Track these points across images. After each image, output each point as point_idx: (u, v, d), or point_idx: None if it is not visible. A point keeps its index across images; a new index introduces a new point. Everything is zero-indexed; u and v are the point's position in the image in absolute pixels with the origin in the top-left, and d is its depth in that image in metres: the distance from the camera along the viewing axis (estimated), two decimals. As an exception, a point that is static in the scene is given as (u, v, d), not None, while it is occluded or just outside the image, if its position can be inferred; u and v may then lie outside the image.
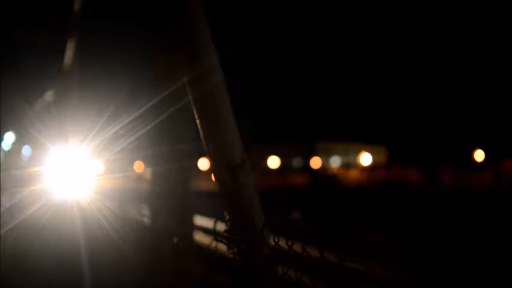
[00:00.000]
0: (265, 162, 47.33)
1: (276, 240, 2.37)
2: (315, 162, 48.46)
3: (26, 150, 14.84)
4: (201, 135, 2.58)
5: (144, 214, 4.78)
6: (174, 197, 3.76)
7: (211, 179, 2.61)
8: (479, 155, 37.83)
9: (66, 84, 10.44)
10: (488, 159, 35.68)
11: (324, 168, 48.19)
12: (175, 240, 3.45)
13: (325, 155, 50.05)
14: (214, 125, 2.53)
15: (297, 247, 2.31)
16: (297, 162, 50.50)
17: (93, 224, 5.40)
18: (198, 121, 2.57)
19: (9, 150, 13.77)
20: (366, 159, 48.99)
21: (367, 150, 50.02)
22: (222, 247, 2.67)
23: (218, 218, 2.66)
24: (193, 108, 2.57)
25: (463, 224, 13.46)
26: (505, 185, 26.57)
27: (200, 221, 4.23)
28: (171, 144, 3.78)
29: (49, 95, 11.43)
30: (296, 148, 49.10)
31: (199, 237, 3.75)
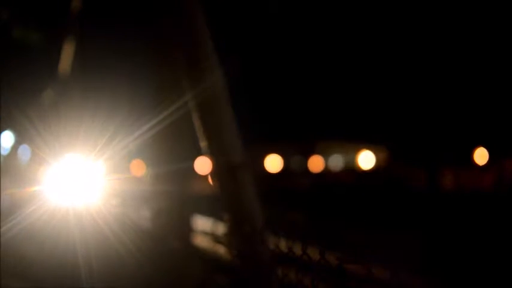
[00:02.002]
0: (266, 162, 47.18)
1: (276, 241, 2.35)
2: (316, 162, 48.43)
3: (25, 152, 14.81)
4: (202, 136, 2.57)
5: (143, 216, 4.77)
6: (173, 198, 3.75)
7: (211, 181, 2.60)
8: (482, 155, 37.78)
9: (67, 85, 10.45)
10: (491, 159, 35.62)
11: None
12: (174, 242, 3.43)
13: (326, 154, 50.07)
14: (214, 127, 2.52)
15: (297, 248, 2.28)
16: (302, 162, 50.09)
17: (94, 230, 5.33)
18: (198, 122, 2.56)
19: (7, 152, 13.75)
20: (366, 158, 48.98)
21: (367, 150, 49.98)
22: (222, 249, 2.66)
23: (217, 219, 2.64)
24: (194, 109, 2.56)
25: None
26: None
27: (199, 222, 4.21)
28: (172, 147, 3.78)
29: (49, 95, 11.44)
30: (297, 147, 49.11)
31: (199, 239, 3.72)
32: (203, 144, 2.57)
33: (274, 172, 45.89)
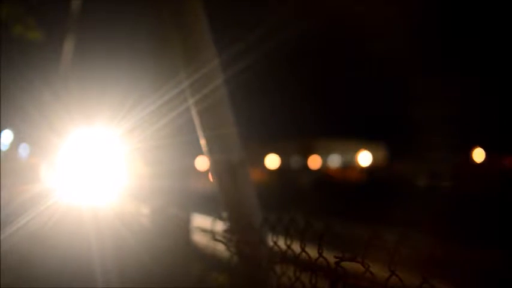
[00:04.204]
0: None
1: (275, 239, 2.36)
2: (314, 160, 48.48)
3: (25, 150, 14.75)
4: (201, 135, 2.58)
5: (143, 213, 4.76)
6: (173, 195, 3.76)
7: (211, 178, 2.61)
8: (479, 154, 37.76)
9: (67, 81, 10.43)
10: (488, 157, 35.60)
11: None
12: (173, 239, 3.44)
13: (325, 153, 50.11)
14: (214, 125, 2.53)
15: (296, 246, 2.29)
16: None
17: (97, 225, 5.16)
18: (198, 122, 2.58)
19: (7, 149, 13.70)
20: (365, 157, 49.04)
21: (366, 148, 50.10)
22: (221, 246, 2.67)
23: (217, 217, 2.65)
24: (194, 109, 2.58)
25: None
26: None
27: (198, 220, 4.21)
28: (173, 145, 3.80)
29: (50, 91, 11.38)
30: (295, 146, 49.10)
31: (197, 236, 3.73)
32: (203, 142, 2.59)
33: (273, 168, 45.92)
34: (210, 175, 2.58)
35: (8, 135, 13.57)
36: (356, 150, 50.48)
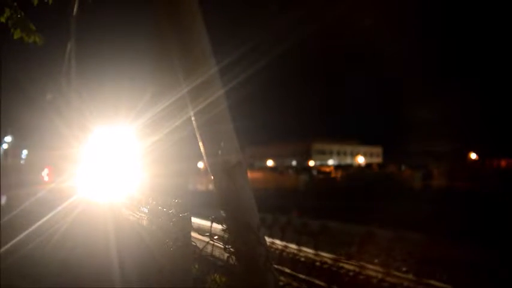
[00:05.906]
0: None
1: (272, 239, 2.39)
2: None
3: (27, 147, 14.67)
4: (199, 136, 2.61)
5: (140, 213, 4.76)
6: (172, 195, 3.78)
7: (210, 180, 2.63)
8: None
9: (67, 86, 10.42)
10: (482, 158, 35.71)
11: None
12: (171, 240, 3.46)
13: (322, 156, 50.13)
14: (212, 127, 2.56)
15: (293, 246, 2.33)
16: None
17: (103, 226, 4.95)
18: (196, 124, 2.60)
19: (7, 149, 13.65)
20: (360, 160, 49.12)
21: (363, 150, 50.17)
22: (219, 246, 2.69)
23: (215, 218, 2.67)
24: (193, 112, 2.60)
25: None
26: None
27: (197, 221, 4.22)
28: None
29: (50, 97, 11.34)
30: (293, 149, 49.10)
31: (196, 238, 3.75)
32: (202, 145, 2.61)
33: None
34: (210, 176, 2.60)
35: (10, 135, 13.54)
36: (354, 153, 50.54)
